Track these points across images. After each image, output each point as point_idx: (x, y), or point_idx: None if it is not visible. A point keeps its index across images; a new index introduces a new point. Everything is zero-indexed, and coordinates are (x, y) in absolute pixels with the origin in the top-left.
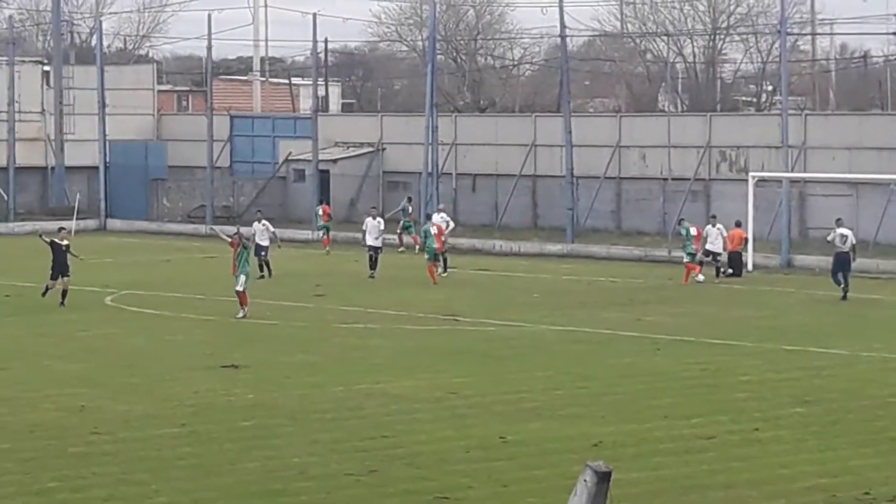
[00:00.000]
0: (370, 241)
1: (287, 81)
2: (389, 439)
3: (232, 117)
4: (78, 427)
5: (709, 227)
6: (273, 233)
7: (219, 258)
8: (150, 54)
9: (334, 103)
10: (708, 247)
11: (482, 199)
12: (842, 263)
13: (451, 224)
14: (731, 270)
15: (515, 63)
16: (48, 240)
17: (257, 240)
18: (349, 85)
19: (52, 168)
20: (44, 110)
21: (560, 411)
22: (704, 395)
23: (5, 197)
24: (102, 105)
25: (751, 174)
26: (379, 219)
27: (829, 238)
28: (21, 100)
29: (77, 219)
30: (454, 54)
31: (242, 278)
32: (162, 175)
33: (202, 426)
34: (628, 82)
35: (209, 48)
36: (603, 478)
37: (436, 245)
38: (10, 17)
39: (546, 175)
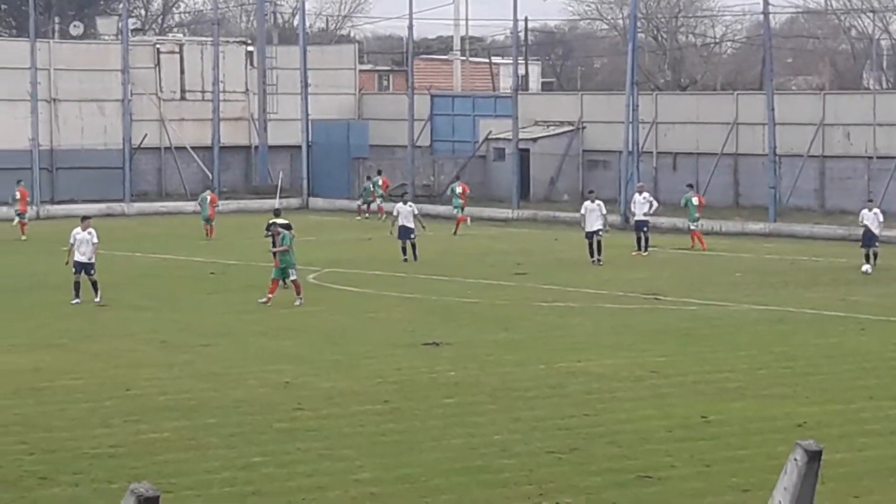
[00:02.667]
0: (589, 225)
1: (487, 60)
2: (591, 417)
3: (432, 96)
4: (282, 403)
5: (864, 211)
6: (418, 216)
7: (419, 236)
8: (352, 34)
9: (534, 82)
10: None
11: (683, 178)
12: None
13: (654, 203)
14: None
15: (717, 41)
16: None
17: (402, 221)
18: (549, 63)
19: (256, 147)
20: (247, 90)
21: (763, 391)
22: None
23: (210, 176)
24: (305, 85)
25: None
26: (598, 202)
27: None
28: (225, 80)
29: (280, 197)
30: (655, 32)
31: (292, 270)
32: (363, 154)
33: (405, 403)
34: (832, 59)
35: (410, 28)
36: (814, 457)
37: (461, 201)
38: None
39: (748, 153)
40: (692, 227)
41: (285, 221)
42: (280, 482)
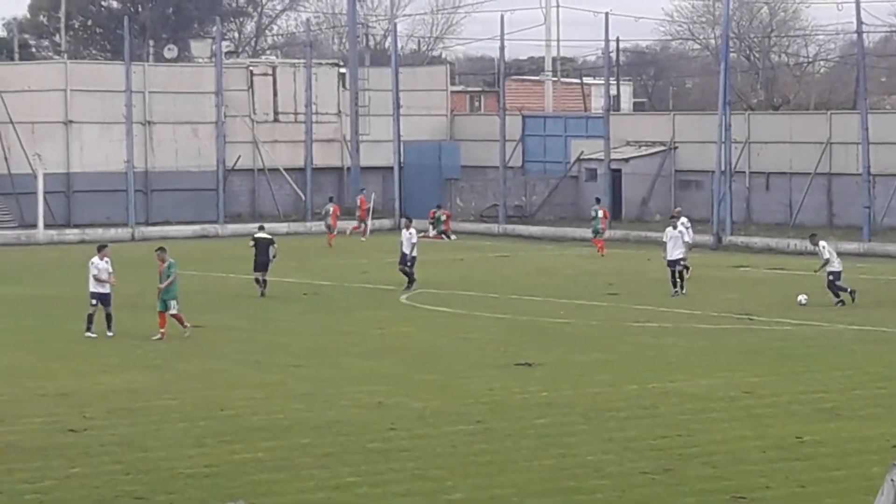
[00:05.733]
0: (670, 253)
1: (578, 81)
2: (684, 438)
3: (524, 117)
4: (375, 423)
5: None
6: (414, 245)
7: (511, 257)
8: (443, 55)
9: (626, 102)
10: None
11: (776, 198)
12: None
13: (691, 235)
14: None
15: (810, 60)
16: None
17: (404, 249)
18: (641, 84)
19: (348, 168)
20: (340, 112)
21: (859, 411)
22: None
23: (303, 197)
24: (397, 106)
25: None
26: (681, 228)
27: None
28: (318, 101)
29: (372, 218)
30: (747, 52)
31: (173, 302)
32: (455, 175)
33: (497, 423)
34: None
35: (502, 49)
36: None
37: (443, 226)
38: (308, 20)
39: (842, 173)
40: (593, 236)
41: (269, 236)
42: (373, 502)
